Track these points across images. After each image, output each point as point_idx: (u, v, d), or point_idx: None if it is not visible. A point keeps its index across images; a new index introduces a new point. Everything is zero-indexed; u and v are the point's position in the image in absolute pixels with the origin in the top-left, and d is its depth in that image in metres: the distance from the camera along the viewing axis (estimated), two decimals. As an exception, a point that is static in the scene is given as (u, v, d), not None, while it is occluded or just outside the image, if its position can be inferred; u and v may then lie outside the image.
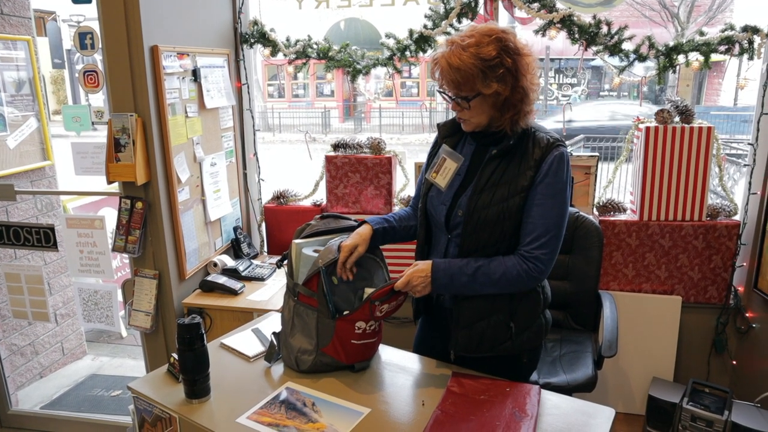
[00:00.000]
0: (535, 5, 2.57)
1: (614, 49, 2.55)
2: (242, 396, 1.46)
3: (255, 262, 2.85)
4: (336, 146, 2.94)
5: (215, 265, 2.68)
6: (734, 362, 2.73)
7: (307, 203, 3.07)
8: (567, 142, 1.59)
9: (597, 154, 2.79)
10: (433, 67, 1.45)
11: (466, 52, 1.38)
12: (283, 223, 3.04)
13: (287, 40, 2.88)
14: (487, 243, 1.47)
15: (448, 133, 1.60)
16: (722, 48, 2.49)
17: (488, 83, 1.39)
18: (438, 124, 1.64)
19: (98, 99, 2.50)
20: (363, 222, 1.64)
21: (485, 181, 1.48)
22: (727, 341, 2.73)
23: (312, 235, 1.61)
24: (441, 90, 1.47)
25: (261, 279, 2.68)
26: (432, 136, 1.87)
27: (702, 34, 2.51)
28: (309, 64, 2.90)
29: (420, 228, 1.64)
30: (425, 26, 2.70)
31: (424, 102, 15.32)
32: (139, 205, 2.29)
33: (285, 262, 1.62)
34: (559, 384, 1.97)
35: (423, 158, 1.83)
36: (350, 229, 1.64)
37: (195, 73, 2.49)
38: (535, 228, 1.44)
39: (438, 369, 1.59)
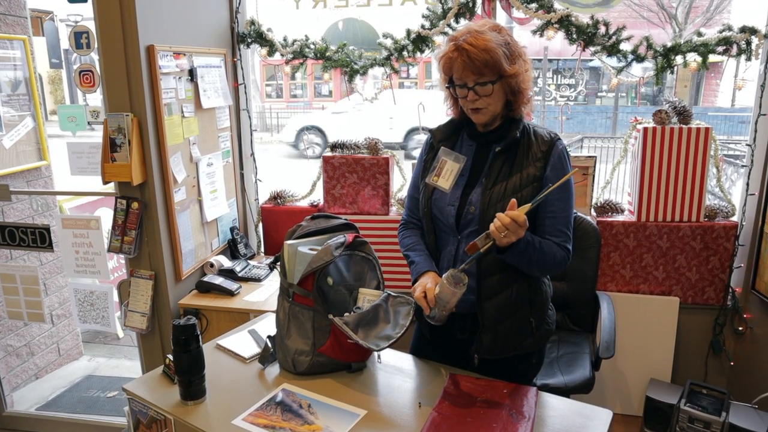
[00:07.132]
0: (533, 5, 2.56)
1: (612, 50, 2.55)
2: (238, 398, 1.45)
3: (252, 262, 2.84)
4: (333, 146, 2.93)
5: (212, 265, 2.67)
6: (732, 363, 2.73)
7: (304, 204, 3.06)
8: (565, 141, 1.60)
9: (595, 155, 2.79)
10: (450, 56, 1.43)
11: (487, 35, 1.41)
12: (280, 223, 3.03)
13: (284, 40, 2.87)
14: None
15: (444, 137, 1.61)
16: (720, 49, 2.49)
17: (510, 64, 1.44)
18: (431, 130, 1.64)
19: (97, 99, 2.48)
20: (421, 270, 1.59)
21: (495, 175, 1.50)
22: (725, 342, 2.73)
23: (303, 236, 1.60)
24: (457, 83, 1.46)
25: (258, 280, 2.67)
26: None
27: (700, 34, 2.51)
28: (306, 64, 2.89)
29: (429, 234, 1.62)
30: (423, 26, 2.70)
31: (421, 103, 15.27)
32: (135, 205, 2.28)
33: (278, 263, 1.61)
34: (556, 385, 1.96)
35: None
36: (342, 228, 1.64)
37: (191, 73, 2.48)
38: (558, 221, 1.51)
39: (435, 370, 1.59)
